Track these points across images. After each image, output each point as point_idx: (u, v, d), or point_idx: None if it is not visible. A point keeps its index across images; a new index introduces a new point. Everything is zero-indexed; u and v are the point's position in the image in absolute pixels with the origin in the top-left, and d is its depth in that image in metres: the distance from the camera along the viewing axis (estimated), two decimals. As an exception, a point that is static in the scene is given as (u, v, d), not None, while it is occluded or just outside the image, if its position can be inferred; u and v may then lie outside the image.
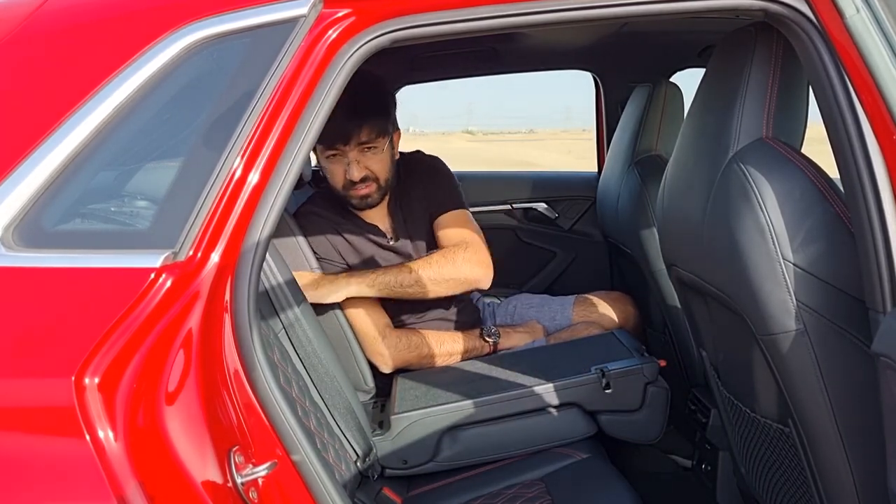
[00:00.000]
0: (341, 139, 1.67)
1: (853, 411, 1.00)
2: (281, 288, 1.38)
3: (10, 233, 0.88)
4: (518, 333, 1.85)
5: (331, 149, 1.70)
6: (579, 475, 1.44)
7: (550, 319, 1.98)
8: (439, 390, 1.57)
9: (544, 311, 2.00)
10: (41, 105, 0.94)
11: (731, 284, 1.08)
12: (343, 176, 1.71)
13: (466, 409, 1.50)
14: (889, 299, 0.88)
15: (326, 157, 1.72)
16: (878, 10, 0.88)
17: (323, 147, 1.70)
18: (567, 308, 1.99)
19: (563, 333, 1.87)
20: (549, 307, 2.01)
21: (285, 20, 0.93)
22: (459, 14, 0.94)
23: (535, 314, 2.00)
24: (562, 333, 1.87)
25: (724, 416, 1.40)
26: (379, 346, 1.71)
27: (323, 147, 1.70)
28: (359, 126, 1.66)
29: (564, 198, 2.57)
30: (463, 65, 2.41)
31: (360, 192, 1.74)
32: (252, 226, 0.91)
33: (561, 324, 1.96)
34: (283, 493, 0.93)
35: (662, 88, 2.02)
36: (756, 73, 1.06)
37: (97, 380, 0.76)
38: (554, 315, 1.99)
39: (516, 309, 2.03)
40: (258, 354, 0.92)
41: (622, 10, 0.95)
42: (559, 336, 1.87)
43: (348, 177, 1.70)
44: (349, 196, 1.75)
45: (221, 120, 0.93)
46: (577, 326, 1.91)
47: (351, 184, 1.72)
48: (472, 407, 1.50)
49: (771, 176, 0.99)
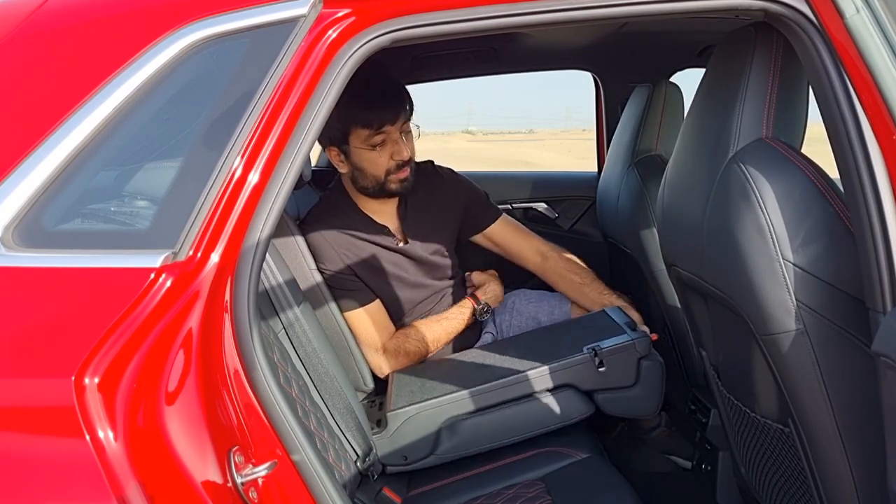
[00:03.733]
0: (389, 119, 1.69)
1: (853, 411, 1.00)
2: (281, 288, 1.38)
3: (10, 233, 0.88)
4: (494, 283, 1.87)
5: (378, 132, 1.69)
6: (579, 475, 1.44)
7: (548, 313, 2.00)
8: (434, 383, 1.57)
9: (542, 305, 2.02)
10: (41, 105, 0.94)
11: (730, 284, 1.08)
12: (388, 160, 1.72)
13: (462, 399, 1.50)
14: (889, 299, 0.88)
15: (370, 145, 1.71)
16: (878, 10, 0.88)
17: (369, 133, 1.69)
18: (565, 302, 2.00)
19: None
20: (548, 301, 2.02)
21: (285, 20, 0.93)
22: (459, 14, 0.94)
23: (534, 309, 2.01)
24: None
25: (724, 416, 1.40)
26: (378, 359, 1.74)
27: (369, 133, 1.69)
28: (402, 105, 1.71)
29: (564, 198, 2.57)
30: (463, 65, 2.41)
31: (402, 176, 1.75)
32: (252, 226, 0.91)
33: (558, 318, 1.98)
34: (283, 493, 0.93)
35: (662, 88, 2.02)
36: (756, 73, 1.06)
37: (97, 380, 0.76)
38: (552, 309, 2.00)
39: (515, 305, 2.04)
40: (258, 354, 0.92)
41: (622, 10, 0.95)
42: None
43: (398, 157, 1.72)
44: (390, 182, 1.75)
45: (221, 120, 0.93)
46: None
47: (396, 167, 1.73)
48: (467, 397, 1.50)
49: (771, 176, 0.99)
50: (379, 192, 1.78)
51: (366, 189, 1.78)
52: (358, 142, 1.71)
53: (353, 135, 1.71)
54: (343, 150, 1.74)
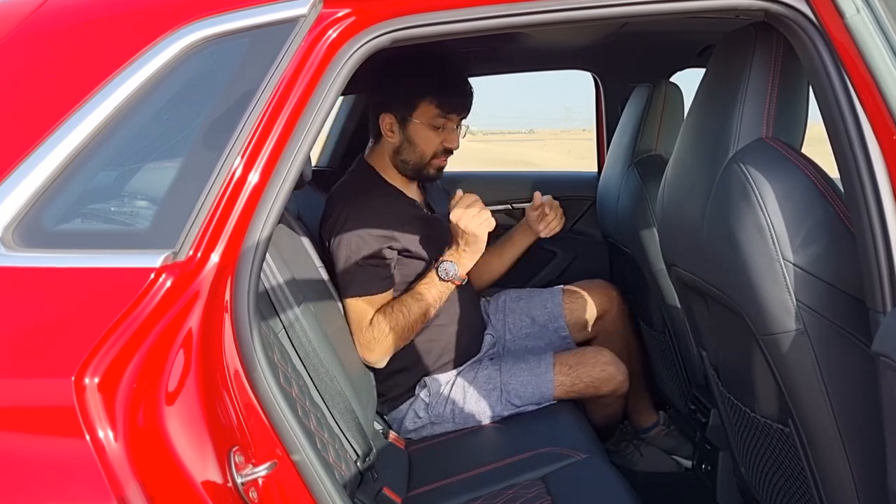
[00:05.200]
0: (460, 109, 1.77)
1: (853, 411, 1.00)
2: (281, 288, 1.38)
3: (10, 233, 0.88)
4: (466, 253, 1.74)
5: (446, 117, 1.75)
6: (579, 475, 1.44)
7: (541, 307, 2.00)
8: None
9: (534, 300, 2.03)
10: (41, 105, 0.94)
11: (730, 284, 1.08)
12: (438, 144, 1.77)
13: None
14: (889, 299, 0.88)
15: (433, 125, 1.75)
16: (878, 10, 0.88)
17: (438, 113, 1.74)
18: (556, 296, 2.01)
19: (569, 358, 1.82)
20: (539, 296, 2.03)
21: (285, 20, 0.93)
22: (459, 14, 0.94)
23: (525, 305, 2.02)
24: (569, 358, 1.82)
25: (724, 416, 1.40)
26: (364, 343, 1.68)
27: (438, 113, 1.74)
28: (470, 103, 1.81)
29: (564, 198, 2.57)
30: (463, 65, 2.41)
31: (441, 163, 1.81)
32: (252, 226, 0.91)
33: (553, 311, 1.98)
34: (283, 493, 0.93)
35: (662, 88, 2.02)
36: (756, 73, 1.06)
37: (97, 380, 0.76)
38: (545, 303, 2.01)
39: (506, 303, 2.05)
40: (258, 354, 0.92)
41: (622, 10, 0.95)
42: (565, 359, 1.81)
43: (449, 144, 1.78)
44: (429, 165, 1.79)
45: (221, 120, 0.93)
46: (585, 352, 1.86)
47: (443, 151, 1.79)
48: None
49: (771, 176, 0.99)
50: (416, 171, 1.80)
51: (406, 164, 1.79)
52: (424, 117, 1.74)
53: (421, 108, 1.74)
54: (401, 120, 1.76)
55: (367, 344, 1.68)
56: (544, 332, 1.99)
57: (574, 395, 1.79)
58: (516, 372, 1.78)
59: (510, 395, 1.76)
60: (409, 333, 1.70)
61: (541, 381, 1.76)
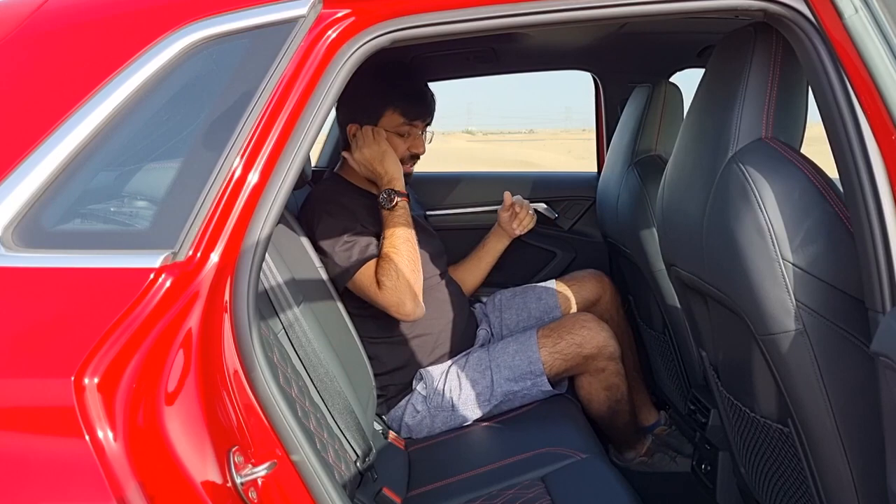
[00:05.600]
0: (426, 115, 1.86)
1: (853, 411, 1.00)
2: (281, 288, 1.38)
3: (10, 233, 0.88)
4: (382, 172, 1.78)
5: (411, 124, 1.82)
6: (579, 475, 1.44)
7: (537, 300, 2.03)
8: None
9: (529, 295, 2.05)
10: (41, 105, 0.94)
11: (730, 284, 1.08)
12: (405, 150, 1.84)
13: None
14: (888, 299, 0.88)
15: (398, 132, 1.81)
16: (876, 10, 0.88)
17: (403, 121, 1.81)
18: (551, 288, 2.04)
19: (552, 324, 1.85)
20: (534, 291, 2.06)
21: (285, 20, 0.93)
22: (459, 14, 0.94)
23: (521, 300, 2.04)
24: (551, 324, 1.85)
25: (724, 416, 1.40)
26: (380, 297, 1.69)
27: (403, 121, 1.81)
28: (433, 109, 1.90)
29: (564, 198, 2.57)
30: (463, 65, 2.41)
31: (408, 169, 1.86)
32: (252, 226, 0.91)
33: (548, 303, 2.01)
34: (283, 493, 0.93)
35: (662, 88, 2.02)
36: (755, 73, 1.06)
37: (97, 380, 0.76)
38: (540, 296, 2.04)
39: (501, 302, 2.08)
40: (258, 355, 0.92)
41: (622, 10, 0.95)
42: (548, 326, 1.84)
43: (415, 150, 1.85)
44: None
45: (221, 120, 0.93)
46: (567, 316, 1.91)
47: (410, 157, 1.86)
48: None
49: (770, 176, 0.99)
50: None
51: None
52: (389, 125, 1.80)
53: (386, 117, 1.80)
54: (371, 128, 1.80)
55: (393, 299, 1.67)
56: (540, 323, 2.00)
57: (561, 359, 1.78)
58: (503, 347, 1.82)
59: (501, 370, 1.77)
60: (413, 265, 1.70)
61: (525, 348, 1.79)
